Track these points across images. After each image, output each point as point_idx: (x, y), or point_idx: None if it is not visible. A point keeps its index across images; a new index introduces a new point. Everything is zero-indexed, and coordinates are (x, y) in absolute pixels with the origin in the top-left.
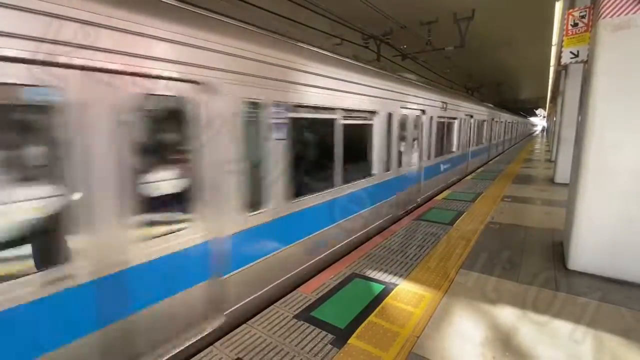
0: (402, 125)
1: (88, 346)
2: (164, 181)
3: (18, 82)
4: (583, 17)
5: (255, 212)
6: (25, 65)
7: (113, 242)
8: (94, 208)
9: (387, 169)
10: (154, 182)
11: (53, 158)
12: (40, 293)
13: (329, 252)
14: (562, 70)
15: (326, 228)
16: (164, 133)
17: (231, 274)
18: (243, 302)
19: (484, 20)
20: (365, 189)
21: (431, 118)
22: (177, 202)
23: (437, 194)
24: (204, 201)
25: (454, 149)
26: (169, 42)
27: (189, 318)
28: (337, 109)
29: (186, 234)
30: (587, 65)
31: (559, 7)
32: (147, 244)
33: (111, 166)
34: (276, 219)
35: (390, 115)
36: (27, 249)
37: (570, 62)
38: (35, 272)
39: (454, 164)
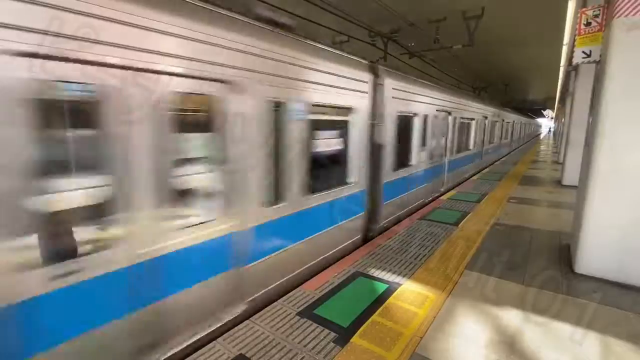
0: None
1: (136, 321)
2: (195, 175)
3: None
4: (596, 16)
5: (276, 206)
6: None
7: (154, 230)
8: (139, 198)
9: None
10: (186, 175)
11: (106, 151)
12: (106, 268)
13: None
14: (572, 70)
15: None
16: (196, 129)
17: (253, 264)
18: (264, 290)
19: (493, 19)
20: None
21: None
22: (205, 195)
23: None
24: (229, 195)
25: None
26: (207, 44)
27: (217, 302)
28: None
29: (213, 226)
30: (600, 66)
31: (571, 6)
32: (180, 233)
33: (155, 160)
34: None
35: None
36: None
37: (582, 62)
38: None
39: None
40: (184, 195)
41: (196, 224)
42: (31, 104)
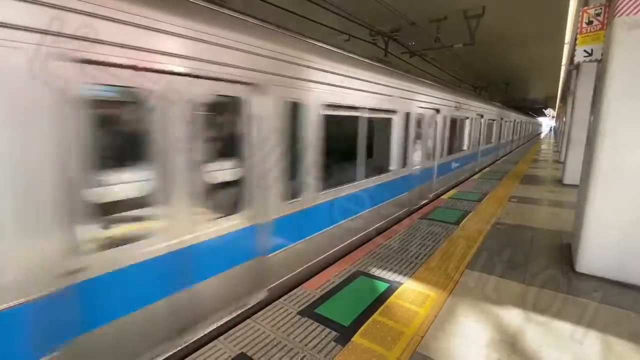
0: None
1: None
2: (222, 171)
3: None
4: (598, 14)
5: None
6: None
7: (186, 221)
8: (174, 192)
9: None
10: (215, 171)
11: (142, 146)
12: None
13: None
14: (573, 69)
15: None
16: (224, 128)
17: (273, 253)
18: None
19: (494, 18)
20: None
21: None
22: (232, 189)
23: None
24: (253, 189)
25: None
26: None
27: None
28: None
29: (238, 218)
30: (601, 64)
31: (572, 4)
32: (210, 224)
33: (189, 156)
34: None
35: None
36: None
37: (584, 61)
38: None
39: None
40: (214, 190)
41: (221, 217)
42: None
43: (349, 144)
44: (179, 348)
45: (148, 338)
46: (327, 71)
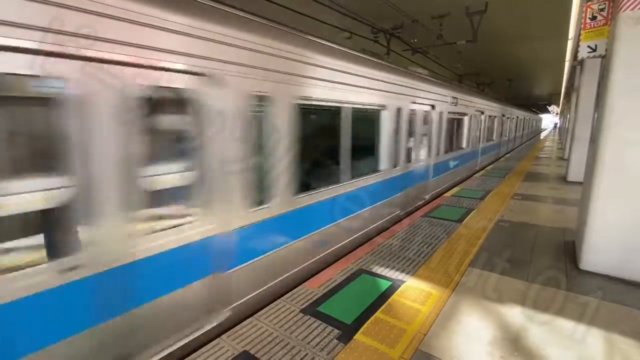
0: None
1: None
2: (167, 175)
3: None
4: (602, 10)
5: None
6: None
7: (118, 235)
8: (102, 201)
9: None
10: (156, 175)
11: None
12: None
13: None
14: (577, 65)
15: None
16: (169, 125)
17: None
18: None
19: (497, 14)
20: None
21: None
22: (184, 196)
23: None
24: (208, 196)
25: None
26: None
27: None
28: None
29: (193, 228)
30: (606, 60)
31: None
32: (151, 237)
33: (117, 157)
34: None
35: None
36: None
37: (588, 57)
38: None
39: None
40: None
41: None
42: None
43: (329, 142)
44: (181, 345)
45: None
46: (302, 62)
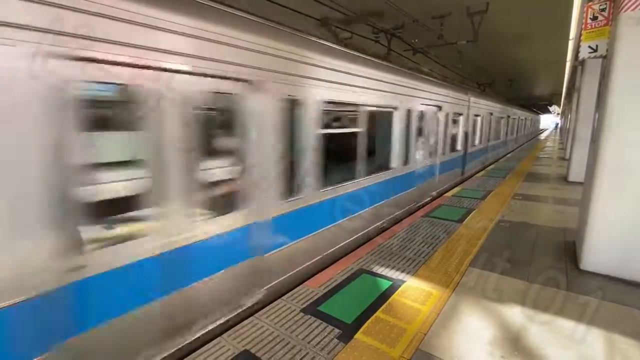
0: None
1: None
2: (219, 169)
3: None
4: (603, 10)
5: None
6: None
7: (184, 220)
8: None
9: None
10: (211, 169)
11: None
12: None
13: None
14: (578, 65)
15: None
16: (221, 125)
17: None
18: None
19: (498, 14)
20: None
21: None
22: (231, 187)
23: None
24: (251, 188)
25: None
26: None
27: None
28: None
29: (234, 217)
30: (607, 60)
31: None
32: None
33: (185, 153)
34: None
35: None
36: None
37: (589, 57)
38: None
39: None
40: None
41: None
42: None
43: (350, 142)
44: (183, 344)
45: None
46: (327, 68)
